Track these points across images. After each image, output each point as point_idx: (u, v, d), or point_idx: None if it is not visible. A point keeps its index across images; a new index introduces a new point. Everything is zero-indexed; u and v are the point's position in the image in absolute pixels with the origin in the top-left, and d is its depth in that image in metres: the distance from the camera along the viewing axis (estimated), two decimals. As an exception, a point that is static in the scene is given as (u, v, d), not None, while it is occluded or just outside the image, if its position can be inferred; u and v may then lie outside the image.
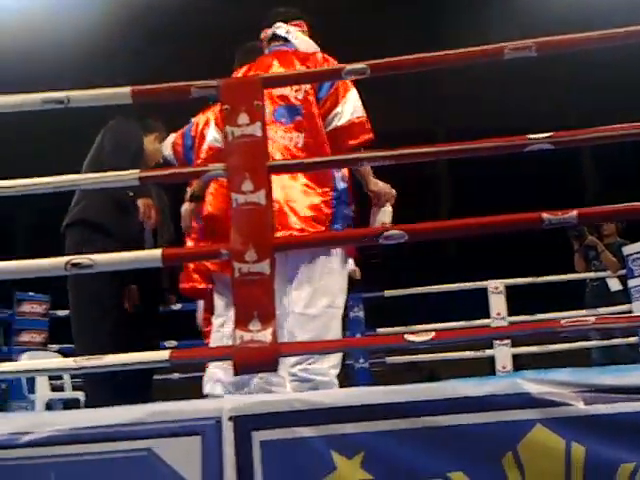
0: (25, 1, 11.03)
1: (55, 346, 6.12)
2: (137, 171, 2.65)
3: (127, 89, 2.60)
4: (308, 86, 3.26)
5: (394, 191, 3.33)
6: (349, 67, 2.50)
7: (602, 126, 2.43)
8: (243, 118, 2.40)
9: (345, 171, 3.34)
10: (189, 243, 3.96)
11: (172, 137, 4.53)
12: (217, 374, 3.41)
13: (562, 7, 11.33)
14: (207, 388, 3.50)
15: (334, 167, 3.18)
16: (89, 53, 11.35)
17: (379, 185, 3.31)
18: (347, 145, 3.22)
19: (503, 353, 6.33)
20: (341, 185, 3.29)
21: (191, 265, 3.84)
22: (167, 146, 4.52)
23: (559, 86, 13.41)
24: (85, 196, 4.19)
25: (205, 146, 3.49)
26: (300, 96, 3.27)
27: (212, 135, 3.40)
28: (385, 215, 3.33)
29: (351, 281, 4.02)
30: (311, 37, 3.52)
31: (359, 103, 3.28)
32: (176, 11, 11.67)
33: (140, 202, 4.03)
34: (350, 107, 3.25)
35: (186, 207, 3.50)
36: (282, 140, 3.23)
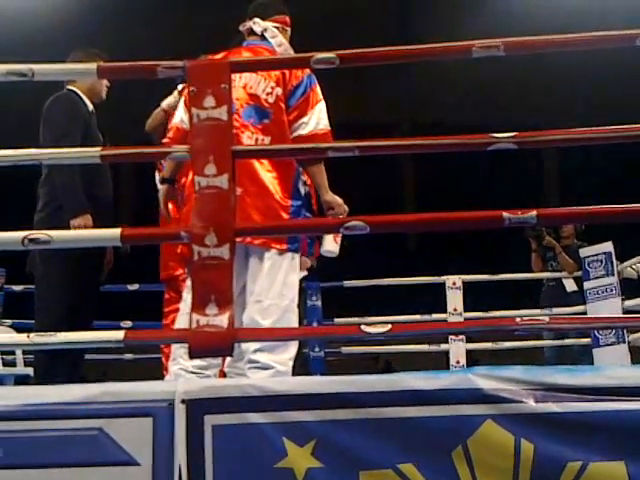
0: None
1: (8, 321, 6.04)
2: (99, 149, 2.63)
3: (93, 65, 2.57)
4: (280, 91, 3.24)
5: (346, 207, 3.32)
6: (319, 56, 2.48)
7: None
8: (209, 101, 2.38)
9: (307, 180, 3.33)
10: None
11: None
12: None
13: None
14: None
15: (299, 155, 3.16)
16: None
17: (334, 196, 3.31)
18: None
19: (458, 348, 6.37)
20: (303, 191, 3.29)
21: (167, 254, 3.82)
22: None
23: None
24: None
25: (173, 126, 3.46)
26: (271, 100, 3.24)
27: (179, 116, 3.38)
28: (328, 243, 3.40)
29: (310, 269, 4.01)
30: (292, 33, 3.48)
31: (325, 116, 3.28)
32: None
33: (73, 223, 3.71)
34: (315, 118, 3.25)
35: (161, 191, 3.46)
36: (248, 141, 3.19)
